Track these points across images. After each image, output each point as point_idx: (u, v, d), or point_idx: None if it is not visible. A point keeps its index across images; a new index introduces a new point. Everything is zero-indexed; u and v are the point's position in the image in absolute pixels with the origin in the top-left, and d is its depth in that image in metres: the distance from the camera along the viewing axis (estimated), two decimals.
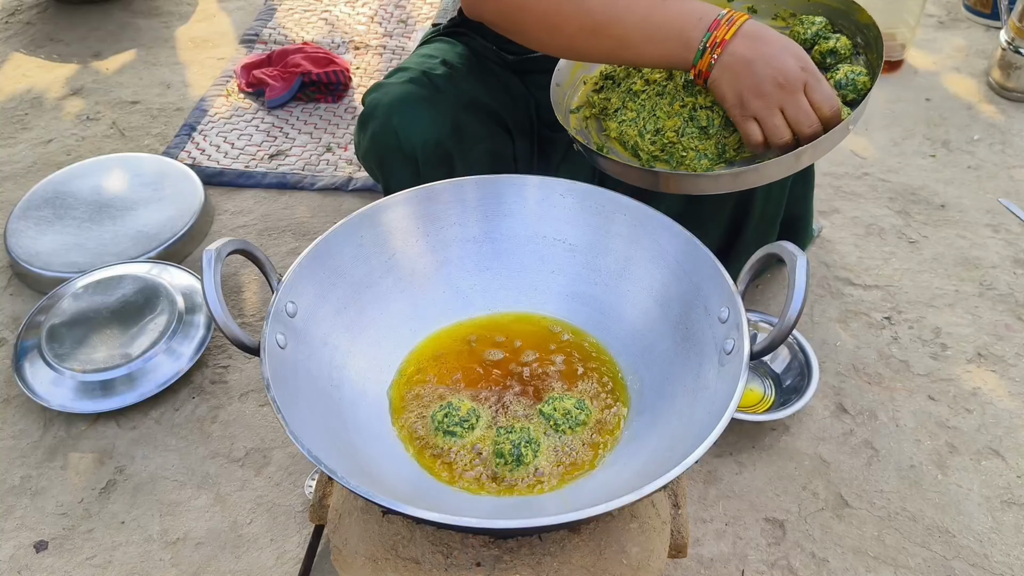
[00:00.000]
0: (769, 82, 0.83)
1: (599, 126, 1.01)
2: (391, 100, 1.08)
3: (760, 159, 0.90)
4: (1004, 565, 1.03)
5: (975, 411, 1.21)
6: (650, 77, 0.98)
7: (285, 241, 1.53)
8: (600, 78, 1.05)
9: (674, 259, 0.83)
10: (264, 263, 0.78)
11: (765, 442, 1.17)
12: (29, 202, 1.55)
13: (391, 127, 1.07)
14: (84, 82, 1.99)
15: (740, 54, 0.84)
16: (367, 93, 1.15)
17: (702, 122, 0.92)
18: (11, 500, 1.14)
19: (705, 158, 0.92)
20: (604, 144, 0.99)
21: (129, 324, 1.29)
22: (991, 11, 2.02)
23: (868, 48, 0.98)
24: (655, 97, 0.96)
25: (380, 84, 1.13)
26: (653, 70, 0.98)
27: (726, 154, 0.92)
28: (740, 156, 0.93)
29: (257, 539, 1.08)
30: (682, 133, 0.93)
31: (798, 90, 0.83)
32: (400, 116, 1.06)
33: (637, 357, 0.86)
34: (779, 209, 1.20)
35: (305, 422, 0.70)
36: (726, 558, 1.05)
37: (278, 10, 2.24)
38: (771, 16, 1.07)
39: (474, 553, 0.73)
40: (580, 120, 1.03)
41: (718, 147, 0.92)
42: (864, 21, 0.99)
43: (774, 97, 0.83)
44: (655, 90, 0.97)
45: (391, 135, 1.07)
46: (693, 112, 0.93)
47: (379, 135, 1.08)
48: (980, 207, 1.55)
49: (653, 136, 0.94)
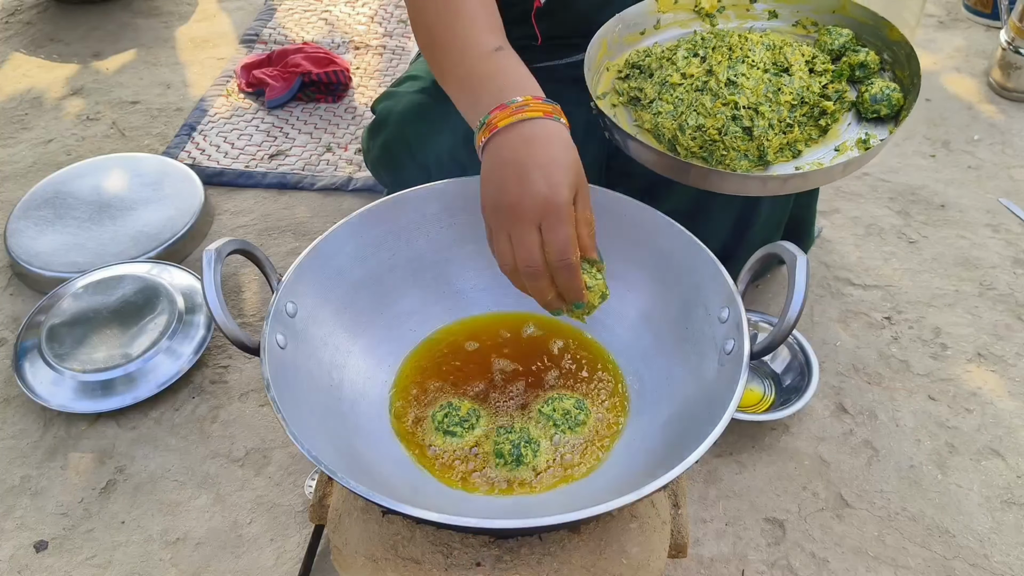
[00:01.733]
0: (504, 200, 0.70)
1: (628, 115, 1.00)
2: (404, 109, 1.08)
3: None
4: (1004, 565, 1.03)
5: (975, 411, 1.21)
6: (687, 71, 0.96)
7: (285, 241, 1.53)
8: (625, 66, 1.03)
9: (674, 259, 0.83)
10: (264, 263, 0.78)
11: (765, 442, 1.17)
12: (29, 202, 1.55)
13: (404, 137, 1.06)
14: (84, 82, 1.99)
15: (498, 153, 0.71)
16: (378, 101, 1.15)
17: (745, 122, 0.91)
18: (11, 500, 1.14)
19: (746, 159, 0.91)
20: (636, 134, 0.97)
21: (129, 324, 1.29)
22: (991, 11, 2.02)
23: (896, 64, 0.99)
24: (694, 92, 0.94)
25: (392, 92, 1.13)
26: (688, 64, 0.97)
27: (766, 156, 0.92)
28: (778, 160, 0.93)
29: (257, 539, 1.08)
30: (725, 132, 0.91)
31: (530, 224, 0.69)
32: (413, 126, 1.05)
33: (637, 357, 0.86)
34: (785, 212, 1.19)
35: (305, 422, 0.70)
36: (726, 558, 1.05)
37: (278, 10, 2.24)
38: (792, 23, 1.07)
39: (474, 553, 0.73)
40: (608, 107, 1.01)
41: (760, 149, 0.91)
42: (895, 38, 0.99)
43: (504, 219, 0.70)
44: (694, 84, 0.95)
45: (404, 145, 1.06)
46: (736, 111, 0.91)
47: (391, 144, 1.08)
48: (980, 207, 1.55)
49: (694, 132, 0.92)
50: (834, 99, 0.96)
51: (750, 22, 1.08)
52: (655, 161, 0.92)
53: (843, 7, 1.04)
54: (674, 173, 0.91)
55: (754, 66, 0.95)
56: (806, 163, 0.93)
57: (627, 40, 1.06)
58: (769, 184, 0.90)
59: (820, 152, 0.94)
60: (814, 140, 0.95)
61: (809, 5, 1.06)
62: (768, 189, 0.91)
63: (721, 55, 0.96)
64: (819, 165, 0.92)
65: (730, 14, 1.08)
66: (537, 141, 0.71)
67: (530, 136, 0.71)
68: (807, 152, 0.94)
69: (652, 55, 1.01)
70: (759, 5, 1.08)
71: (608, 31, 1.02)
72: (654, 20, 1.07)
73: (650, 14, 1.06)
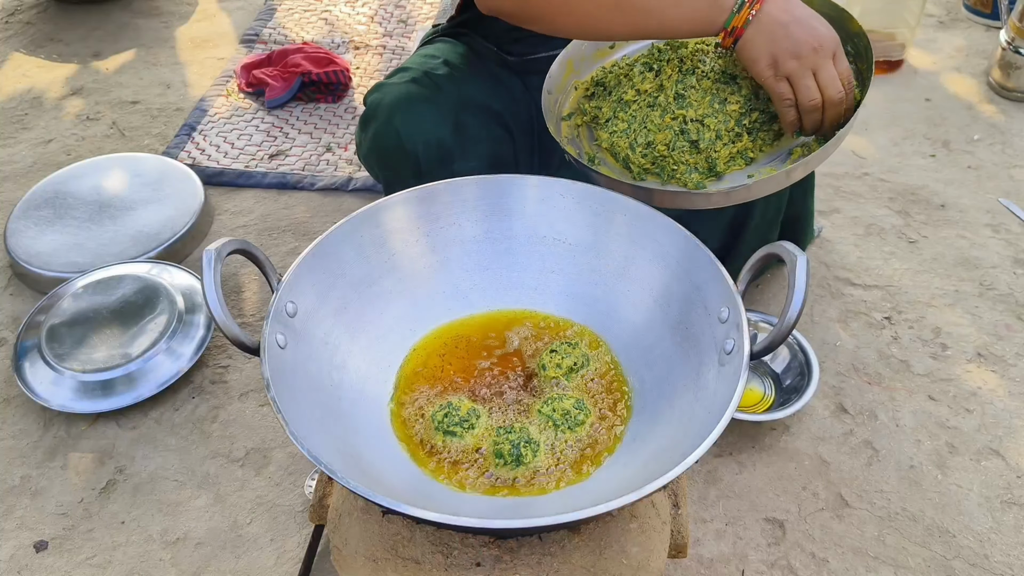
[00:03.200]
0: (806, 45, 0.85)
1: (591, 135, 1.01)
2: (393, 100, 1.08)
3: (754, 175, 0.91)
4: (1004, 565, 1.03)
5: (975, 411, 1.21)
6: (641, 87, 0.97)
7: (285, 241, 1.53)
8: (591, 84, 1.04)
9: (674, 259, 0.83)
10: (264, 263, 0.78)
11: (765, 442, 1.17)
12: (29, 202, 1.55)
13: (393, 127, 1.07)
14: (84, 82, 1.99)
15: (775, 16, 0.86)
16: (368, 93, 1.15)
17: (692, 135, 0.91)
18: (11, 500, 1.14)
19: (696, 172, 0.91)
20: (595, 154, 0.98)
21: (129, 324, 1.29)
22: (991, 11, 2.03)
23: (858, 57, 0.97)
24: (646, 108, 0.95)
25: (381, 84, 1.13)
26: (644, 80, 0.97)
27: (716, 168, 0.92)
28: (730, 170, 0.92)
29: (257, 539, 1.08)
30: (673, 147, 0.92)
31: (830, 56, 0.86)
32: (402, 116, 1.06)
33: (637, 357, 0.86)
34: (779, 211, 1.20)
35: (305, 422, 0.70)
36: (726, 558, 1.05)
37: (278, 10, 2.24)
38: None
39: (474, 553, 0.73)
40: (572, 128, 1.02)
41: (708, 161, 0.91)
42: (854, 30, 0.97)
43: (809, 60, 0.85)
44: (646, 101, 0.95)
45: (393, 135, 1.07)
46: (684, 125, 0.92)
47: (381, 135, 1.08)
48: (980, 207, 1.55)
49: (644, 149, 0.93)
50: None
51: None
52: (613, 186, 0.92)
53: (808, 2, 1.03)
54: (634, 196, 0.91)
55: (704, 76, 0.94)
56: (760, 170, 0.92)
57: (596, 56, 1.06)
58: (712, 198, 0.90)
59: (774, 157, 0.94)
60: (768, 145, 0.94)
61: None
62: (712, 202, 0.91)
63: (672, 68, 0.96)
64: (772, 171, 0.91)
65: None
66: (799, 5, 0.88)
67: (794, 2, 0.87)
68: (761, 158, 0.94)
69: (613, 72, 1.01)
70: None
71: (574, 49, 1.02)
72: None
73: None
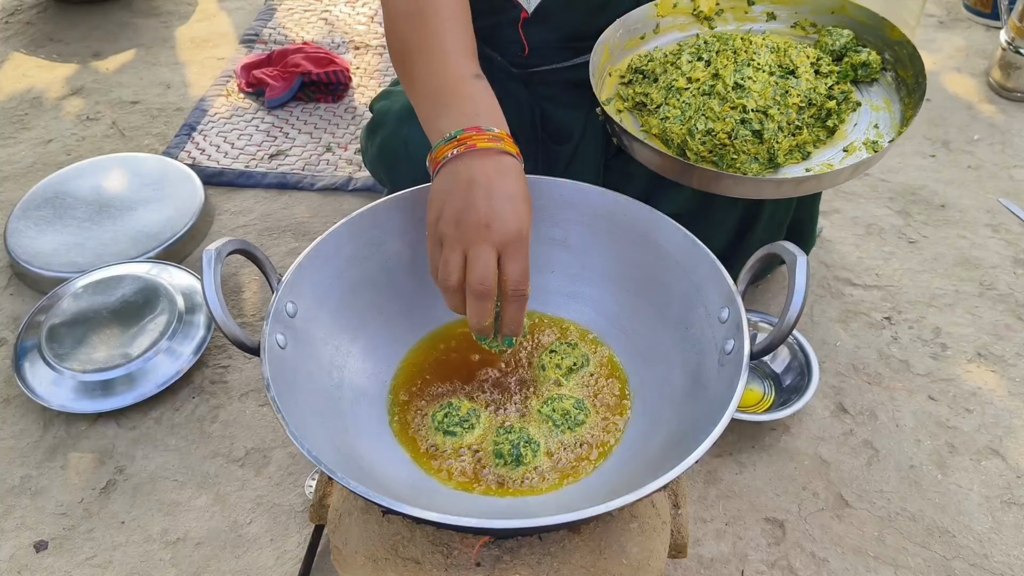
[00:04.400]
0: (475, 216, 0.69)
1: (635, 121, 0.99)
2: (401, 108, 1.08)
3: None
4: (1004, 565, 1.03)
5: (975, 411, 1.21)
6: (692, 75, 0.96)
7: (285, 241, 1.53)
8: (628, 72, 1.03)
9: (674, 259, 0.83)
10: (264, 263, 0.78)
11: (765, 442, 1.17)
12: (29, 202, 1.55)
13: (401, 136, 1.07)
14: (84, 82, 1.99)
15: (471, 172, 0.71)
16: (376, 100, 1.14)
17: (755, 125, 0.91)
18: (11, 500, 1.14)
19: (756, 162, 0.91)
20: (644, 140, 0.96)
21: (129, 324, 1.29)
22: (991, 11, 2.02)
23: (899, 64, 0.99)
24: (701, 97, 0.94)
25: (389, 91, 1.13)
26: (693, 68, 0.96)
27: (777, 159, 0.91)
28: (788, 162, 0.93)
29: (257, 539, 1.08)
30: (735, 136, 0.91)
31: (496, 245, 0.69)
32: (411, 125, 1.06)
33: (637, 357, 0.86)
34: (788, 213, 1.19)
35: (305, 422, 0.70)
36: (726, 558, 1.05)
37: (278, 10, 2.24)
38: (791, 24, 1.07)
39: (474, 553, 0.73)
40: (613, 112, 1.00)
41: (770, 152, 0.91)
42: (896, 38, 0.99)
43: (467, 234, 0.69)
44: (700, 88, 0.94)
45: (401, 144, 1.07)
46: (744, 114, 0.91)
47: (388, 143, 1.08)
48: (980, 207, 1.55)
49: (704, 136, 0.91)
50: (839, 100, 0.96)
51: (748, 24, 1.08)
52: (665, 166, 0.91)
53: (842, 8, 1.04)
54: (684, 177, 0.91)
55: (760, 69, 0.94)
56: (815, 164, 0.93)
57: (628, 45, 1.06)
58: (783, 187, 0.89)
59: (829, 153, 0.94)
60: (822, 141, 0.95)
61: (807, 6, 1.06)
62: (782, 191, 0.91)
63: (726, 58, 0.96)
64: (829, 166, 0.92)
65: (728, 16, 1.08)
66: (509, 173, 0.72)
67: (504, 167, 0.72)
68: (816, 153, 0.94)
69: (655, 59, 1.01)
70: (757, 7, 1.08)
71: (610, 36, 1.02)
72: (654, 24, 1.06)
73: (649, 18, 1.06)
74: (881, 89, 1.00)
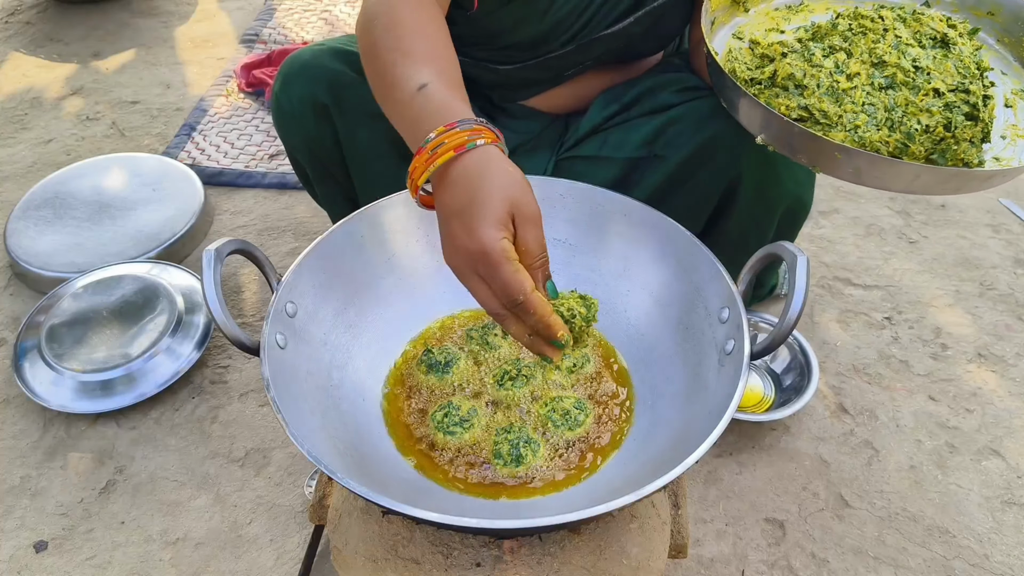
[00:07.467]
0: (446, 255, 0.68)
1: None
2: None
3: None
4: (1004, 565, 1.03)
5: (975, 411, 1.21)
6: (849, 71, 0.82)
7: (285, 241, 1.53)
8: (753, 57, 0.88)
9: (674, 259, 0.83)
10: (264, 263, 0.78)
11: (765, 442, 1.17)
12: (29, 202, 1.55)
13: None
14: (84, 82, 1.99)
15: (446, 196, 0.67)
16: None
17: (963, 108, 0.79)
18: (11, 500, 1.14)
19: (974, 146, 0.80)
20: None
21: (129, 324, 1.29)
22: None
23: (1008, 32, 0.87)
24: (878, 92, 0.81)
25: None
26: (846, 64, 0.83)
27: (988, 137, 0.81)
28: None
29: (257, 539, 1.08)
30: (953, 124, 0.78)
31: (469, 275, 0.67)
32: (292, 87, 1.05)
33: (637, 357, 0.86)
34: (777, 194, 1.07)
35: (305, 422, 0.70)
36: (726, 558, 1.05)
37: (278, 10, 2.24)
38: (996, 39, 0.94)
39: (474, 553, 0.73)
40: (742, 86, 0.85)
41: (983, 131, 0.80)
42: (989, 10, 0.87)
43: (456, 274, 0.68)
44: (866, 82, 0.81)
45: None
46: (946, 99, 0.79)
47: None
48: (980, 207, 1.55)
49: (921, 136, 0.79)
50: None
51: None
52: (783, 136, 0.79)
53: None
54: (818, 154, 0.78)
55: (910, 44, 0.82)
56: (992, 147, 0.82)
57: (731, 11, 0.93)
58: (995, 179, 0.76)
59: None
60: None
61: None
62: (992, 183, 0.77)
63: (869, 41, 0.83)
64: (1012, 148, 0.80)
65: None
66: (453, 185, 0.67)
67: (448, 181, 0.67)
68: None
69: (788, 63, 0.84)
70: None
71: None
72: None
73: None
74: None
